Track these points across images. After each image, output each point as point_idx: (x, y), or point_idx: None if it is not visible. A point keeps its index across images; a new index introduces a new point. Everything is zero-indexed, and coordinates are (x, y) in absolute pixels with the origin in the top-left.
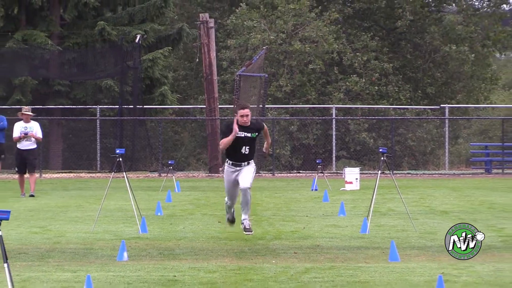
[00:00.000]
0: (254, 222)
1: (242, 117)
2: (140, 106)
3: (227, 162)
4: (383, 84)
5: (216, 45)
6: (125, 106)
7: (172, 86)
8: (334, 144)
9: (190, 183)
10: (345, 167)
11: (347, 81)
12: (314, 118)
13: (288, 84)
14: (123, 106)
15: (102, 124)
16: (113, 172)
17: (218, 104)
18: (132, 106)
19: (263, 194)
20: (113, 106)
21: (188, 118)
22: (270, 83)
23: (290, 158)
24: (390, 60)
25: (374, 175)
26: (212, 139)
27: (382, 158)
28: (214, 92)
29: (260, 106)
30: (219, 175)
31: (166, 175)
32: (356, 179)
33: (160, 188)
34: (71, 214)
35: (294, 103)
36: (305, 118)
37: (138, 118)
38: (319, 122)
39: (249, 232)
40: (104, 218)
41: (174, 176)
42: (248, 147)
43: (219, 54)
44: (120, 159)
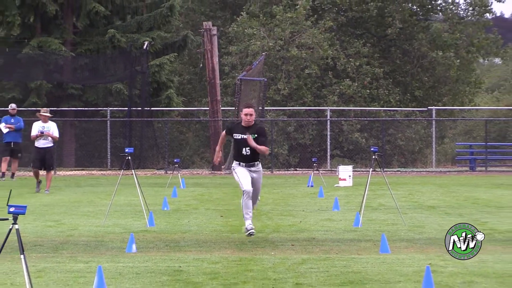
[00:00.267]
0: (254, 216)
1: (246, 115)
2: (148, 108)
3: (236, 163)
4: (374, 87)
5: (219, 51)
6: (133, 108)
7: (178, 90)
8: (329, 143)
9: (194, 180)
10: (339, 165)
11: (341, 84)
12: (310, 119)
13: (286, 88)
14: (132, 108)
15: (112, 125)
16: (122, 170)
17: (220, 106)
18: (140, 108)
19: (262, 190)
20: (122, 108)
21: (193, 119)
22: (269, 87)
23: (288, 157)
24: (380, 65)
25: (366, 172)
26: (215, 139)
27: (374, 157)
28: (216, 95)
29: (260, 108)
30: (221, 172)
31: (172, 172)
32: (349, 176)
33: (167, 185)
34: (84, 208)
35: (291, 105)
36: (301, 119)
37: (146, 119)
38: (314, 123)
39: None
40: (114, 213)
41: (179, 174)
42: (248, 148)
43: (221, 60)
44: (129, 158)
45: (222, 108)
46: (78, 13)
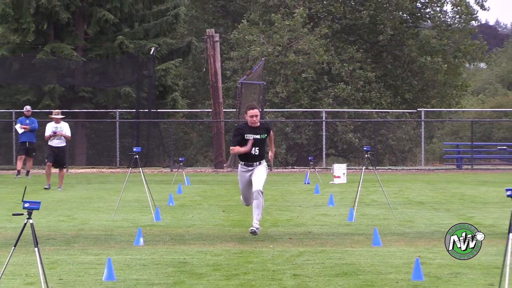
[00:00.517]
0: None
1: (251, 117)
2: (154, 110)
3: (240, 163)
4: (367, 90)
5: (221, 56)
6: (141, 110)
7: (182, 93)
8: (324, 143)
9: (198, 177)
10: (333, 164)
11: (335, 88)
12: (307, 120)
13: (284, 91)
14: (139, 110)
15: (121, 126)
16: (130, 168)
17: (222, 108)
18: (147, 110)
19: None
20: (130, 110)
21: (196, 120)
22: (268, 90)
23: (286, 156)
24: (373, 70)
25: (359, 170)
26: (217, 139)
27: (366, 156)
28: (219, 97)
29: (259, 110)
30: (223, 170)
31: (177, 170)
32: (343, 173)
33: (172, 182)
34: (94, 204)
35: (289, 107)
36: (298, 120)
37: (153, 120)
38: (311, 124)
39: (253, 233)
40: (123, 208)
41: (184, 171)
42: (257, 148)
43: (223, 65)
44: (137, 156)
45: (224, 110)
46: (89, 20)
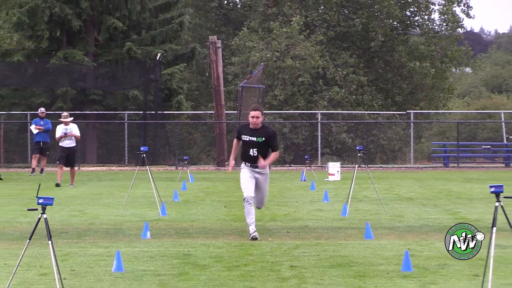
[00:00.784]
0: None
1: (252, 118)
2: (161, 112)
3: (243, 163)
4: (360, 93)
5: (223, 61)
6: (148, 112)
7: (187, 95)
8: (319, 143)
9: (201, 175)
10: (328, 162)
11: (330, 91)
12: (303, 121)
13: (282, 94)
14: (146, 112)
15: (129, 127)
16: (138, 166)
17: (224, 110)
18: (154, 112)
19: None
20: (138, 112)
21: (200, 121)
22: (267, 93)
23: (283, 154)
24: (365, 74)
25: (352, 168)
26: (219, 139)
27: (359, 154)
28: (221, 100)
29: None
30: (225, 168)
31: (181, 168)
32: (338, 171)
33: (177, 179)
34: (104, 200)
35: (286, 109)
36: (295, 121)
37: (159, 121)
38: (307, 125)
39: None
40: (131, 204)
41: (188, 169)
42: (255, 149)
43: (225, 69)
44: (144, 155)
45: (225, 111)
46: (99, 28)
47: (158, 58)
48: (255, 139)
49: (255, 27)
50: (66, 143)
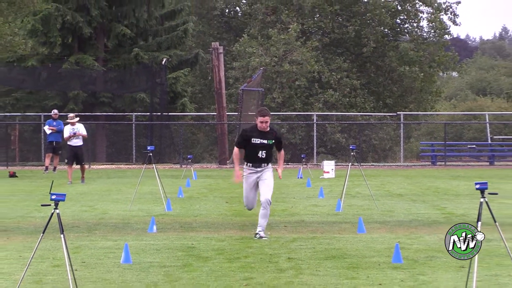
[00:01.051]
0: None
1: (261, 123)
2: (166, 113)
3: (246, 165)
4: (353, 96)
5: (224, 66)
6: (154, 113)
7: (191, 98)
8: (315, 142)
9: (204, 173)
10: (323, 160)
11: (325, 94)
12: (300, 122)
13: (280, 97)
14: (152, 113)
15: (136, 127)
16: (145, 164)
17: (226, 112)
18: (160, 113)
19: None
20: (145, 113)
21: (203, 122)
22: (266, 96)
23: None
24: (358, 78)
25: (345, 166)
26: (221, 138)
27: (352, 153)
28: (223, 102)
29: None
30: (227, 166)
31: (186, 166)
32: (332, 169)
33: (181, 176)
34: (113, 196)
35: (284, 111)
36: (292, 122)
37: (164, 122)
38: (303, 125)
39: (260, 237)
40: (138, 199)
41: (192, 167)
42: (264, 151)
43: (227, 73)
44: (151, 154)
45: (227, 113)
46: (109, 35)
47: (163, 63)
48: (266, 141)
49: (255, 34)
50: (74, 142)
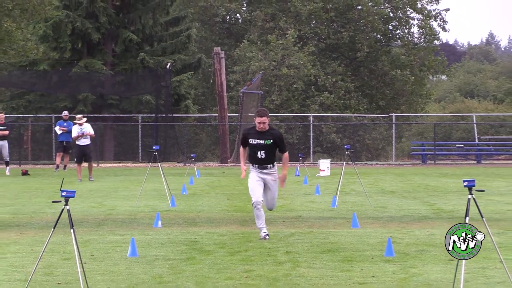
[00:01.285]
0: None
1: (259, 123)
2: (170, 115)
3: (252, 166)
4: (347, 98)
5: (226, 70)
6: (159, 115)
7: (194, 100)
8: (312, 142)
9: (207, 171)
10: (319, 159)
11: (321, 96)
12: (297, 123)
13: (278, 99)
14: (158, 115)
15: (142, 128)
16: (150, 163)
17: (227, 113)
18: (165, 115)
19: None
20: (150, 115)
21: (205, 123)
22: (265, 98)
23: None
24: (352, 81)
25: (340, 164)
26: (223, 138)
27: (347, 153)
28: (224, 104)
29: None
30: (228, 164)
31: (189, 164)
32: (328, 167)
33: (185, 174)
34: (120, 193)
35: (282, 112)
36: (290, 123)
37: (169, 123)
38: (300, 126)
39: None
40: (144, 196)
41: (195, 166)
42: (263, 151)
43: (228, 77)
44: (156, 153)
45: (228, 114)
46: (116, 40)
47: (168, 67)
48: (263, 142)
49: (254, 40)
50: (82, 142)
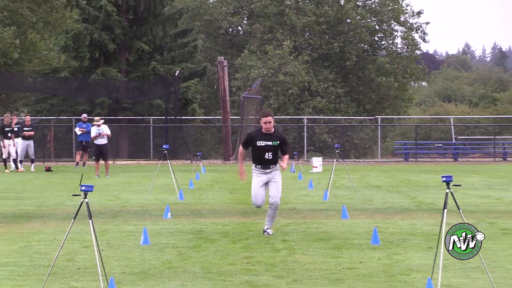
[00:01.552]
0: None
1: (265, 123)
2: (179, 117)
3: (255, 167)
4: (337, 102)
5: (228, 77)
6: (169, 117)
7: (200, 104)
8: (305, 142)
9: (211, 168)
10: (312, 157)
11: (314, 100)
12: (292, 125)
13: (275, 103)
14: (167, 117)
15: (154, 129)
16: (161, 160)
17: (229, 116)
18: (173, 117)
19: None
20: (161, 117)
21: (210, 125)
22: (264, 102)
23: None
24: (342, 87)
25: (331, 162)
26: (226, 139)
27: (337, 151)
28: (227, 108)
29: (257, 117)
30: (230, 162)
31: (195, 162)
32: (320, 164)
33: (192, 170)
34: (134, 187)
35: (279, 115)
36: (286, 125)
37: (178, 125)
38: (295, 127)
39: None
40: (155, 190)
41: (200, 163)
42: (271, 153)
43: (230, 83)
44: (166, 152)
45: (230, 117)
46: (130, 50)
47: (176, 74)
48: (271, 143)
49: (254, 50)
50: (99, 141)
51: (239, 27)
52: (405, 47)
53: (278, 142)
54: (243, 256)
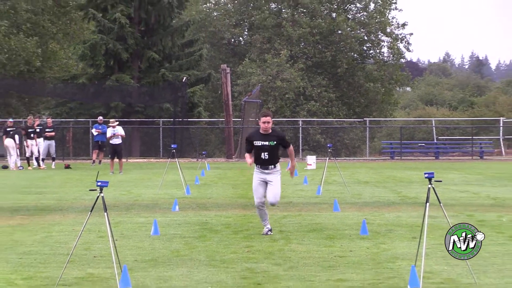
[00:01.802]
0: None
1: (263, 123)
2: (186, 119)
3: (256, 166)
4: (330, 106)
5: (231, 83)
6: (177, 119)
7: (205, 107)
8: (301, 142)
9: (216, 165)
10: (307, 156)
11: (308, 104)
12: (289, 126)
13: (273, 106)
14: (175, 119)
15: (163, 130)
16: (170, 158)
17: (232, 118)
18: (181, 119)
19: None
20: (169, 119)
21: (214, 126)
22: (263, 106)
23: None
24: (333, 92)
25: (324, 160)
26: (228, 139)
27: (329, 150)
28: (229, 111)
29: (257, 119)
30: (232, 160)
31: (201, 160)
32: (314, 162)
33: (198, 168)
34: (145, 183)
35: (276, 117)
36: (283, 126)
37: (185, 126)
38: (291, 129)
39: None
40: (164, 186)
41: (205, 161)
42: (267, 153)
43: (232, 89)
44: (174, 151)
45: (233, 119)
46: (141, 59)
47: (184, 80)
48: (267, 143)
49: (254, 58)
50: (114, 141)
51: (241, 38)
52: (391, 55)
53: (275, 142)
54: (244, 245)
